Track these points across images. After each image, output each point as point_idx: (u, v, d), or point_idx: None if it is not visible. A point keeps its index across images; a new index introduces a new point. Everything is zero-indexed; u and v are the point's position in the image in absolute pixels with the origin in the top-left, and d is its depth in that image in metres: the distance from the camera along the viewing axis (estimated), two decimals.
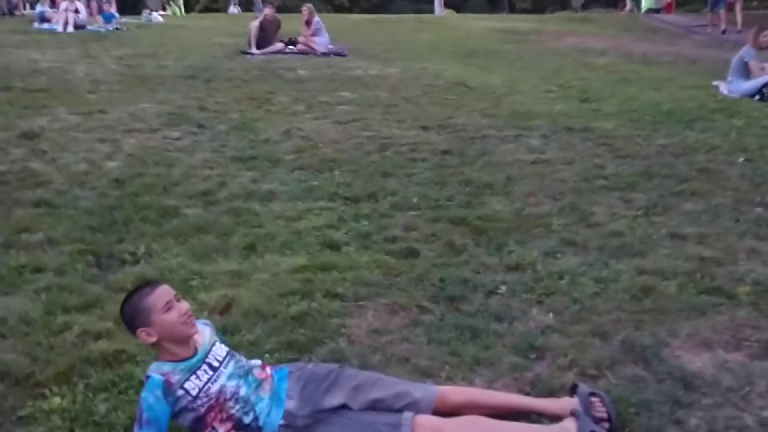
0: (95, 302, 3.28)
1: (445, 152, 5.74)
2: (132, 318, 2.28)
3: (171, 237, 4.15)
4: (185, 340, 2.30)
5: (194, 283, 3.52)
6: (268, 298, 3.29)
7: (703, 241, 3.81)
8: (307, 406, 2.27)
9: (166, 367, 2.25)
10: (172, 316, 2.24)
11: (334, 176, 5.19)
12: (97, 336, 2.96)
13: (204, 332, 2.39)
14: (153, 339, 2.26)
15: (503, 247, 3.84)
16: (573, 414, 2.25)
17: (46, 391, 2.55)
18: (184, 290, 3.21)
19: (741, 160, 5.26)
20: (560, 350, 2.76)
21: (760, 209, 4.23)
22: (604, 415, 2.24)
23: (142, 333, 2.25)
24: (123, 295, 3.35)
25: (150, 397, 2.18)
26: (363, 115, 7.04)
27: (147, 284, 2.42)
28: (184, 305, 2.31)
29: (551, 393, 2.47)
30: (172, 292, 2.32)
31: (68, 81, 8.55)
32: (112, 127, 6.38)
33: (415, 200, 4.64)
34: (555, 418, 2.31)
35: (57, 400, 2.48)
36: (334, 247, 3.93)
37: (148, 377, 2.24)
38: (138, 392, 2.52)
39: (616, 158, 5.47)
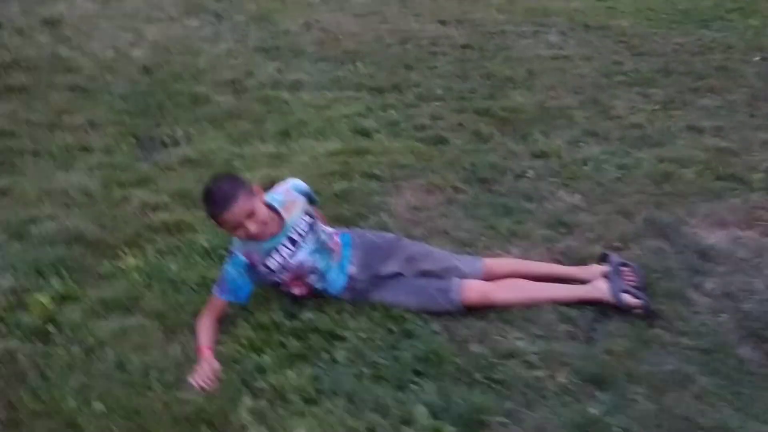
0: (147, 179, 3.49)
1: (464, 46, 5.81)
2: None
3: (206, 122, 4.31)
4: None
5: (236, 163, 3.71)
6: (310, 178, 3.45)
7: (719, 133, 3.99)
8: (366, 272, 2.50)
9: (249, 245, 2.37)
10: (240, 234, 2.31)
11: (357, 67, 5.28)
12: (156, 207, 3.17)
13: (296, 204, 2.48)
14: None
15: (528, 136, 4.01)
16: (605, 276, 2.49)
17: (120, 253, 2.78)
18: (228, 170, 3.38)
19: (757, 58, 5.36)
20: (587, 226, 2.99)
21: None
22: (633, 280, 2.48)
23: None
24: (172, 174, 3.59)
25: (233, 272, 2.38)
26: (380, 9, 7.03)
27: (229, 187, 2.27)
28: (258, 218, 2.27)
29: (581, 262, 2.70)
30: (248, 207, 2.25)
31: None
32: (132, 16, 6.40)
33: (439, 92, 4.76)
34: (586, 282, 2.55)
35: (132, 260, 2.71)
36: (365, 133, 4.10)
37: (232, 252, 2.40)
38: (203, 257, 2.78)
39: (633, 55, 5.55)
